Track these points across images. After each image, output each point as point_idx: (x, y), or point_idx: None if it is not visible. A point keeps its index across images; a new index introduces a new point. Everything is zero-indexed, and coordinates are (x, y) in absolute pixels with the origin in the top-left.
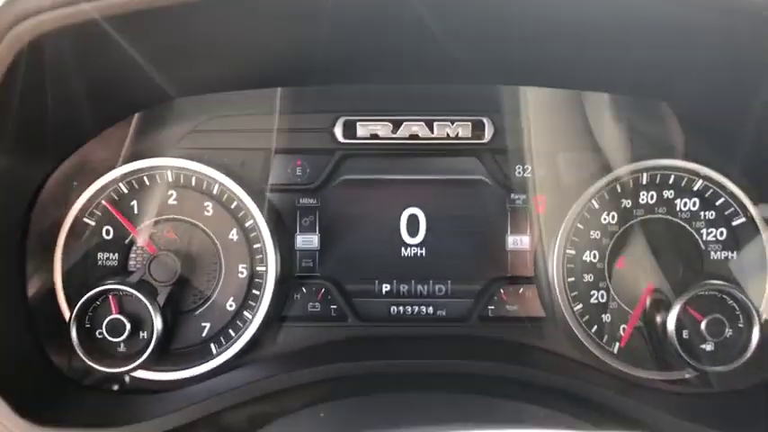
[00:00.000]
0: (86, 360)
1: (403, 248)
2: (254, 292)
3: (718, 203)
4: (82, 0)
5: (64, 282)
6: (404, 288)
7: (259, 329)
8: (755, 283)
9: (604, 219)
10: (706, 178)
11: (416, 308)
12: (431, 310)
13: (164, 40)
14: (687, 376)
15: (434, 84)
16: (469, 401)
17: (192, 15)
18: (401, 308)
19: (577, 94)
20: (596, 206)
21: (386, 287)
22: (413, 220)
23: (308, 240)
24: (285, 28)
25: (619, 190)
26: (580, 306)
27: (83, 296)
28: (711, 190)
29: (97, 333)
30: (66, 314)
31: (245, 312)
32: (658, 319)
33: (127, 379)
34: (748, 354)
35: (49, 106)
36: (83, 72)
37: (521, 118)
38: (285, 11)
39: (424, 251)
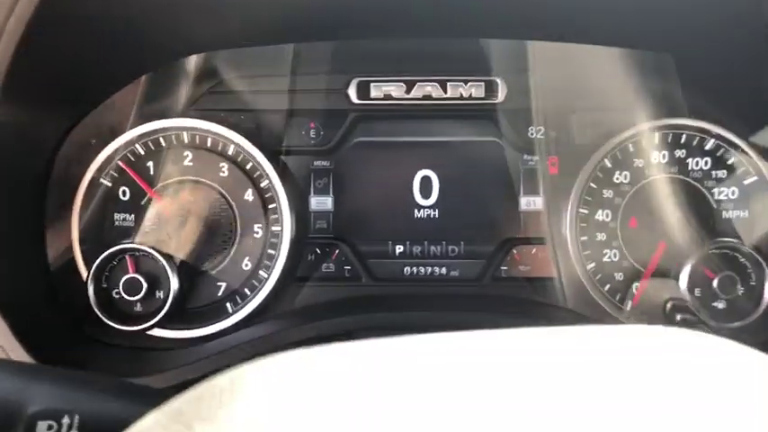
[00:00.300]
0: (104, 318)
1: (416, 210)
2: (270, 252)
3: (729, 162)
4: None
5: (81, 241)
6: (417, 249)
7: (274, 289)
8: (767, 241)
9: (617, 178)
10: (718, 137)
11: (430, 268)
12: (444, 270)
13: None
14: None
15: (448, 38)
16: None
17: None
18: (415, 268)
19: (591, 53)
20: (609, 165)
21: (399, 248)
22: (426, 182)
23: (322, 202)
24: None
25: (631, 149)
26: (593, 265)
27: (100, 255)
28: (723, 149)
29: (114, 292)
30: (84, 273)
31: (261, 272)
32: (670, 277)
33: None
34: (761, 310)
35: (68, 62)
36: (100, 28)
37: (534, 78)
38: None
39: (437, 213)
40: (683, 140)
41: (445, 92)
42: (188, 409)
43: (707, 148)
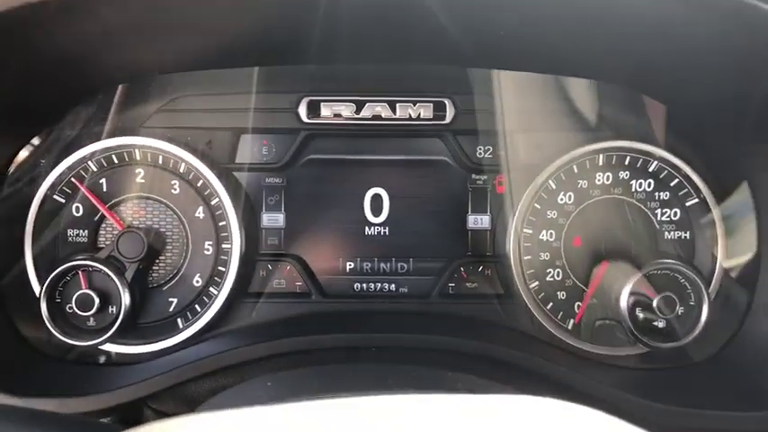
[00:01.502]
0: (56, 333)
1: (367, 227)
2: (220, 268)
3: (672, 184)
4: None
5: (34, 257)
6: (367, 266)
7: (224, 305)
8: (707, 262)
9: (561, 199)
10: (661, 160)
11: (379, 285)
12: (393, 287)
13: (132, 18)
14: (639, 352)
15: (396, 64)
16: (423, 373)
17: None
18: (364, 285)
19: (539, 77)
20: (553, 186)
21: (350, 265)
22: (376, 200)
23: (273, 219)
24: (252, 9)
25: (575, 170)
26: (536, 283)
27: (53, 271)
28: (666, 171)
29: (67, 308)
30: (37, 289)
31: (212, 288)
32: (611, 296)
33: (103, 353)
34: (697, 330)
35: (15, 87)
36: (50, 49)
37: (481, 99)
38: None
39: (387, 230)
40: (626, 162)
41: (394, 112)
42: None
43: (650, 169)
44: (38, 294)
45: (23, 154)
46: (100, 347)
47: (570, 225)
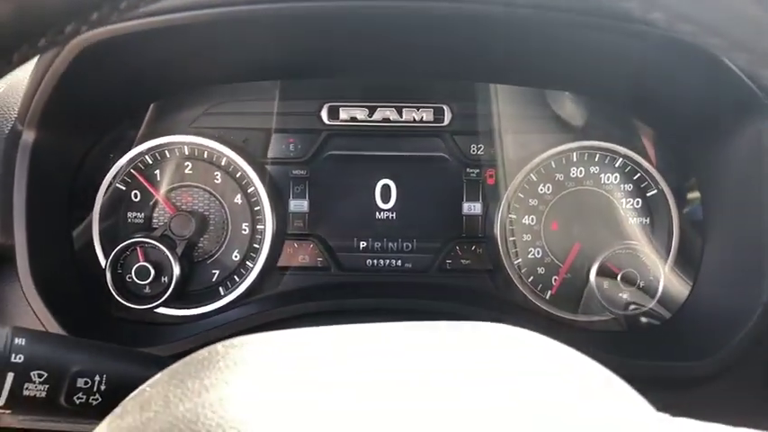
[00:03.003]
0: (118, 298)
1: (377, 212)
2: (255, 246)
3: (635, 178)
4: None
5: (100, 235)
6: (377, 244)
7: (258, 276)
8: (663, 242)
9: (541, 189)
10: (625, 157)
11: (388, 261)
12: (399, 262)
13: (187, 45)
14: (607, 318)
15: (402, 77)
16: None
17: (212, 28)
18: (375, 260)
19: (521, 89)
20: (534, 179)
21: (363, 243)
22: (385, 189)
23: (299, 205)
24: (282, 38)
25: (553, 165)
26: (519, 260)
27: (115, 247)
28: (630, 167)
29: (127, 277)
30: (103, 262)
31: (248, 262)
32: (583, 271)
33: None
34: (656, 299)
35: (92, 97)
36: (123, 67)
37: (475, 106)
38: (283, 27)
39: (394, 215)
40: (596, 158)
41: (401, 116)
42: (184, 369)
43: (616, 165)
44: (103, 266)
45: (96, 149)
46: (155, 310)
47: (549, 211)
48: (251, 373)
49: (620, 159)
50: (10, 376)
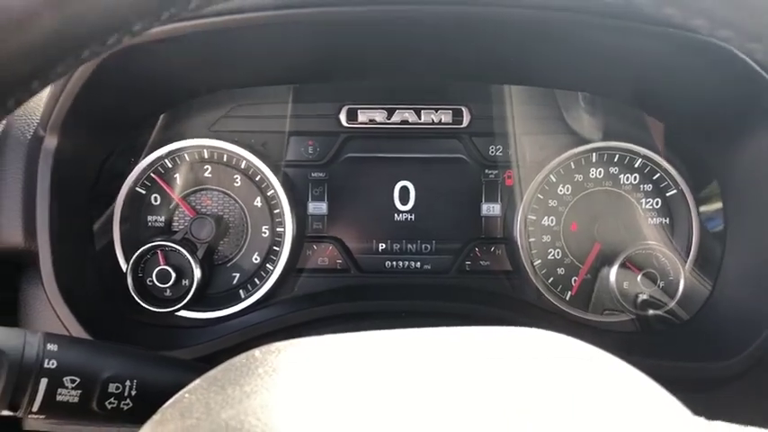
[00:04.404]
0: (140, 302)
1: (396, 214)
2: (275, 248)
3: (654, 178)
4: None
5: (121, 239)
6: (396, 246)
7: (279, 279)
8: (683, 243)
9: (560, 190)
10: (645, 157)
11: (407, 262)
12: (418, 264)
13: (209, 51)
14: (626, 319)
15: (421, 80)
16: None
17: (235, 34)
18: (394, 262)
19: (541, 90)
20: (554, 180)
21: (382, 245)
22: (404, 191)
23: (318, 207)
24: (303, 43)
25: (573, 166)
26: (539, 261)
27: (136, 251)
28: (649, 167)
29: (148, 281)
30: (124, 266)
31: (268, 265)
32: (603, 272)
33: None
34: (676, 300)
35: (113, 104)
36: (143, 73)
37: (494, 107)
38: (304, 32)
39: (413, 216)
40: (615, 159)
41: (420, 118)
42: (223, 376)
43: (636, 166)
44: (124, 270)
45: (116, 154)
46: (176, 314)
47: (568, 212)
48: (290, 379)
49: (640, 160)
50: (44, 382)
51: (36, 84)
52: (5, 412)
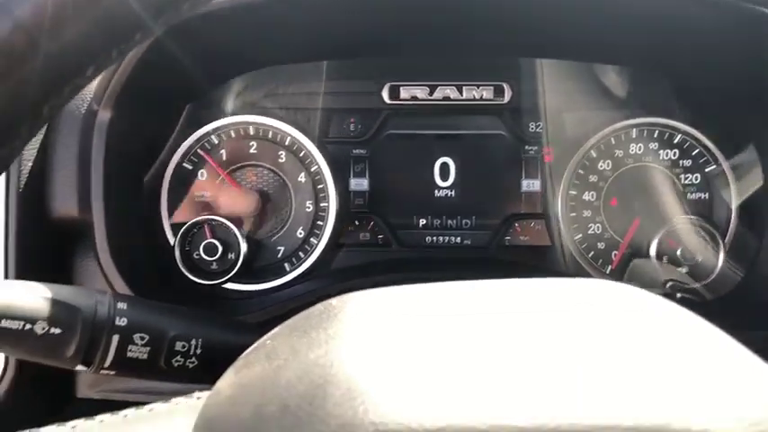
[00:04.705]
0: (187, 274)
1: (436, 190)
2: (319, 222)
3: (694, 153)
4: None
5: (169, 213)
6: (437, 222)
7: (322, 253)
8: (722, 217)
9: (601, 166)
10: (685, 133)
11: (447, 238)
12: (458, 239)
13: (256, 25)
14: (667, 292)
15: (463, 56)
16: None
17: (281, 7)
18: (434, 237)
19: (579, 63)
20: (594, 155)
21: (422, 221)
22: (444, 167)
23: (359, 183)
24: (347, 16)
25: (613, 142)
26: (580, 236)
27: (183, 225)
28: (689, 142)
29: (195, 254)
30: (171, 239)
31: (312, 239)
32: (643, 246)
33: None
34: (715, 273)
35: (164, 81)
36: (193, 50)
37: (534, 83)
38: (349, 5)
39: (453, 192)
40: (655, 135)
41: (461, 94)
42: (303, 322)
43: (675, 141)
44: (172, 243)
45: (165, 129)
46: (222, 286)
47: (608, 187)
48: (371, 323)
49: (680, 135)
50: (115, 338)
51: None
52: (79, 367)
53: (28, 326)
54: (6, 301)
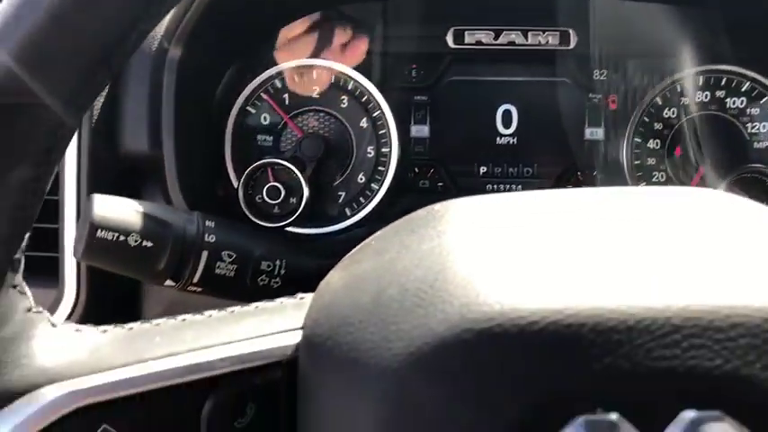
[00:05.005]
0: (250, 217)
1: (498, 137)
2: (380, 168)
3: (762, 101)
4: None
5: (232, 156)
6: (498, 170)
7: (383, 198)
8: None
9: (666, 113)
10: (753, 80)
11: (507, 186)
12: (519, 187)
13: None
14: None
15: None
16: None
17: None
18: (495, 185)
19: (646, 7)
20: (660, 103)
21: (483, 168)
22: (507, 114)
23: (420, 130)
24: None
25: (679, 90)
26: (644, 184)
27: (246, 168)
28: (757, 90)
29: (257, 198)
30: (235, 182)
31: (373, 185)
32: None
33: None
34: None
35: (231, 22)
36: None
37: (600, 30)
38: None
39: (515, 140)
40: (722, 83)
41: (526, 39)
42: (409, 222)
43: (743, 89)
44: (236, 186)
45: (230, 72)
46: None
47: (673, 136)
48: (480, 218)
49: (747, 83)
50: (204, 254)
51: None
52: (168, 283)
53: (122, 237)
54: (101, 213)
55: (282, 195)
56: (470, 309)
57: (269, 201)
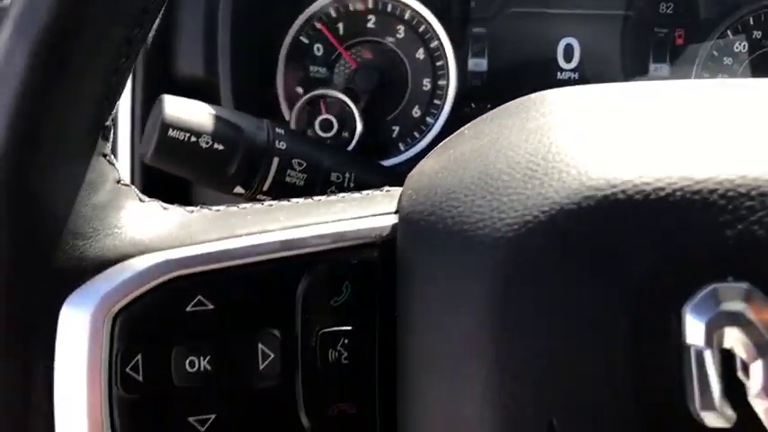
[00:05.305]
0: None
1: (559, 72)
2: (436, 101)
3: None
4: None
5: (284, 87)
6: None
7: (439, 133)
8: None
9: (736, 47)
10: None
11: None
12: None
13: None
14: None
15: None
16: None
17: None
18: None
19: None
20: (730, 36)
21: None
22: (568, 49)
23: (478, 63)
24: None
25: (751, 22)
26: None
27: (299, 100)
28: None
29: (309, 131)
30: (287, 115)
31: (428, 118)
32: None
33: None
34: None
35: None
36: None
37: None
38: None
39: (576, 75)
40: None
41: None
42: (501, 113)
43: None
44: (287, 119)
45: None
46: None
47: (743, 70)
48: (586, 102)
49: None
50: (275, 161)
51: None
52: (238, 189)
53: (193, 138)
54: (172, 112)
55: (335, 128)
56: (590, 176)
57: (321, 134)
